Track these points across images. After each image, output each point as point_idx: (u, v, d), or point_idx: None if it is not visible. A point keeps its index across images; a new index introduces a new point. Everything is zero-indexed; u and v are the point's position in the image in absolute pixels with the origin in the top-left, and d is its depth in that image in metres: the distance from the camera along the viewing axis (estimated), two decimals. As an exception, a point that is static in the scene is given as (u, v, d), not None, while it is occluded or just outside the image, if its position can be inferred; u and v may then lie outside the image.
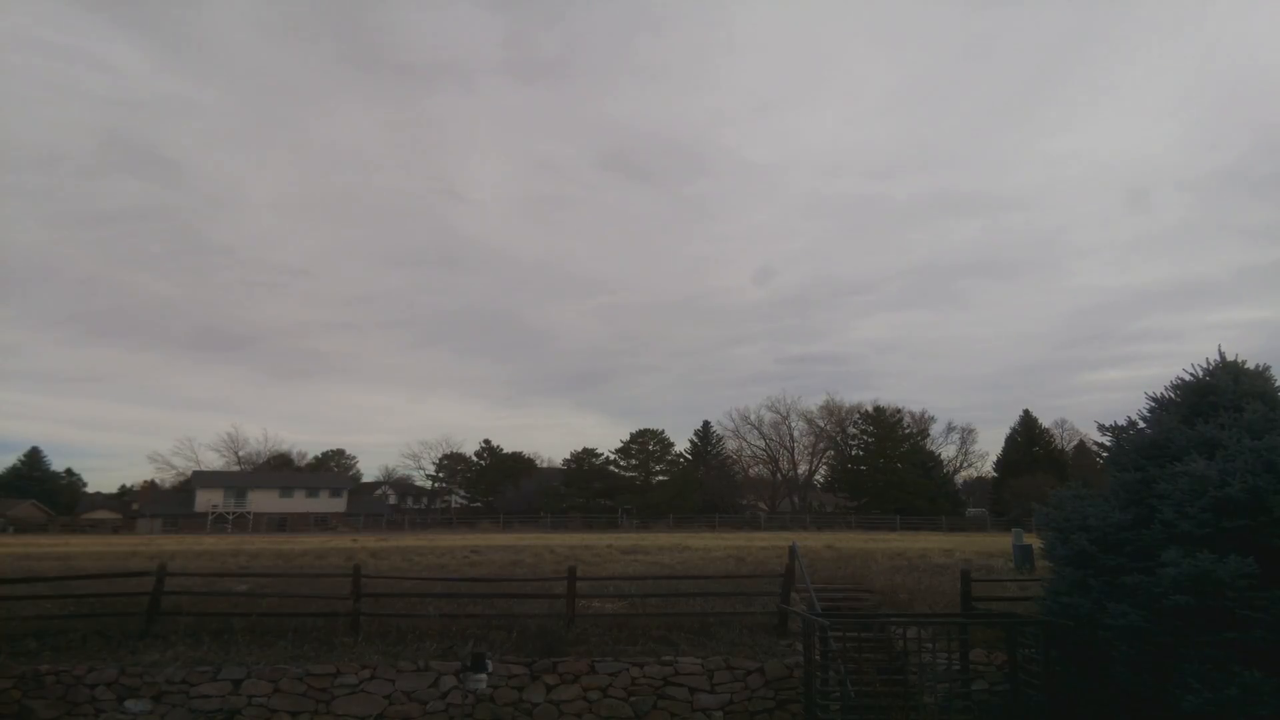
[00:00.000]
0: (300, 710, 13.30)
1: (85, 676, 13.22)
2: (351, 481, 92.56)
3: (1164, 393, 12.81)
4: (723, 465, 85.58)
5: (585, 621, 15.26)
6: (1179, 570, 10.16)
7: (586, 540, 33.54)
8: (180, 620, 14.87)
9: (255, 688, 13.33)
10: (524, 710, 13.65)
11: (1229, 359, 12.40)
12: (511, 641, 14.50)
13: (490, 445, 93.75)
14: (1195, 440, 11.45)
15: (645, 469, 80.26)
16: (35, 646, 13.97)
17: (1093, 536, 11.78)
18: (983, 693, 12.98)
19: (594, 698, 13.81)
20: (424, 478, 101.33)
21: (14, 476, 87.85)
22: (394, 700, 13.47)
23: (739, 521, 68.30)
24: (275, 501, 77.44)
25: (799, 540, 24.19)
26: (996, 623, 13.42)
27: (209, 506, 75.16)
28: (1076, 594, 11.75)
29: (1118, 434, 12.99)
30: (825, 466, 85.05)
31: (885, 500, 70.49)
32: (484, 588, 17.29)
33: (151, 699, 13.14)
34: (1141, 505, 11.54)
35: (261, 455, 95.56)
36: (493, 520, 69.11)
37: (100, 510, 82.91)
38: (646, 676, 13.98)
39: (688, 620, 15.54)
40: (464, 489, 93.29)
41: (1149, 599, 10.54)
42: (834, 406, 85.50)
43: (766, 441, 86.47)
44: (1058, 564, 12.67)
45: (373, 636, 14.76)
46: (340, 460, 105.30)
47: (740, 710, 13.90)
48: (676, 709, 13.84)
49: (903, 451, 76.41)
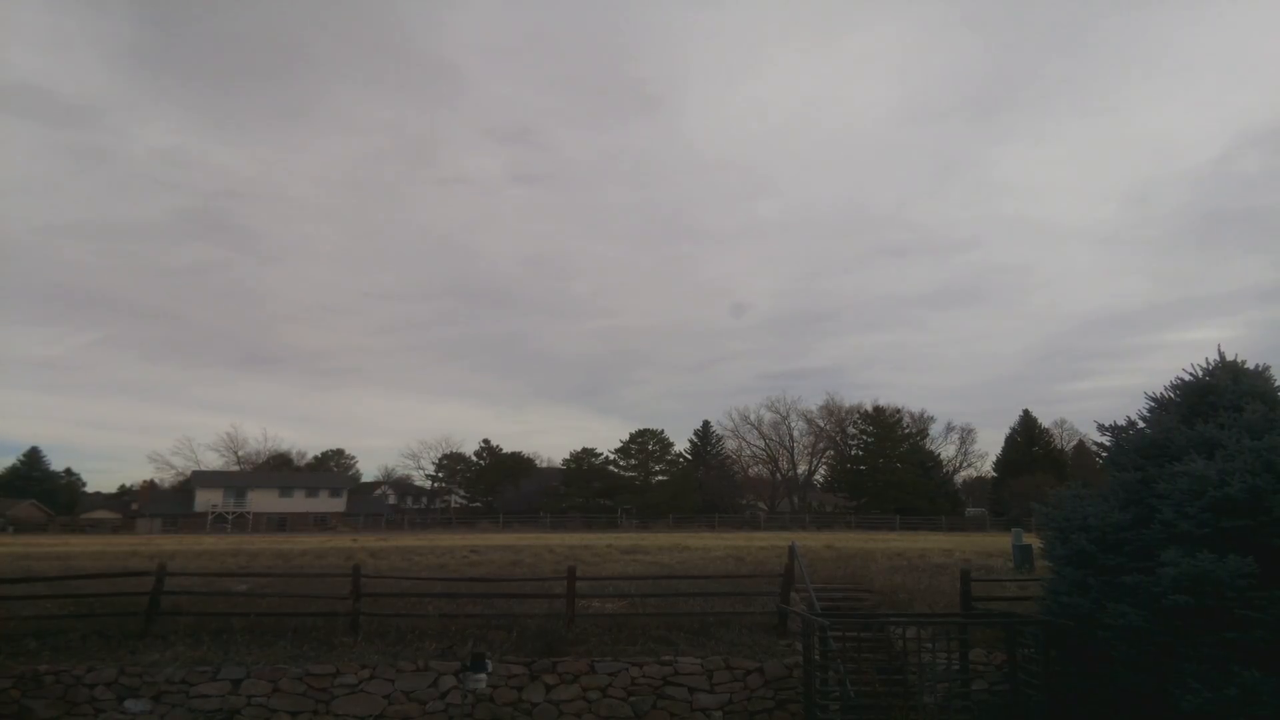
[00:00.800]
0: (300, 710, 13.29)
1: (85, 676, 13.21)
2: (351, 481, 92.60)
3: (1164, 392, 12.80)
4: (722, 465, 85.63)
5: (585, 621, 15.26)
6: (1179, 570, 10.16)
7: (586, 540, 33.54)
8: (180, 620, 14.88)
9: (255, 688, 13.32)
10: (523, 710, 13.65)
11: (1229, 359, 12.40)
12: (511, 641, 14.50)
13: (490, 445, 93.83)
14: (1195, 440, 11.45)
15: (645, 469, 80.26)
16: (35, 646, 13.95)
17: (1092, 536, 11.78)
18: (983, 693, 12.98)
19: (594, 698, 13.81)
20: (423, 478, 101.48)
21: (14, 476, 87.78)
22: (394, 700, 13.47)
23: (739, 521, 68.31)
24: (275, 501, 77.46)
25: (798, 540, 24.18)
26: (996, 623, 13.42)
27: (209, 506, 75.17)
28: (1076, 594, 11.75)
29: (1117, 434, 12.98)
30: (825, 466, 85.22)
31: (885, 500, 70.52)
32: (484, 588, 17.30)
33: (151, 699, 13.13)
34: (1141, 505, 11.54)
35: (261, 455, 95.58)
36: (492, 520, 69.10)
37: (100, 510, 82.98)
38: (646, 676, 13.98)
39: (687, 620, 15.54)
40: (464, 489, 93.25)
41: (1149, 599, 10.54)
42: (833, 406, 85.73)
43: (766, 441, 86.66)
44: (1057, 564, 12.66)
45: (372, 636, 14.75)
46: (340, 460, 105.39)
47: (740, 710, 13.90)
48: (676, 709, 13.84)
49: (902, 451, 76.48)
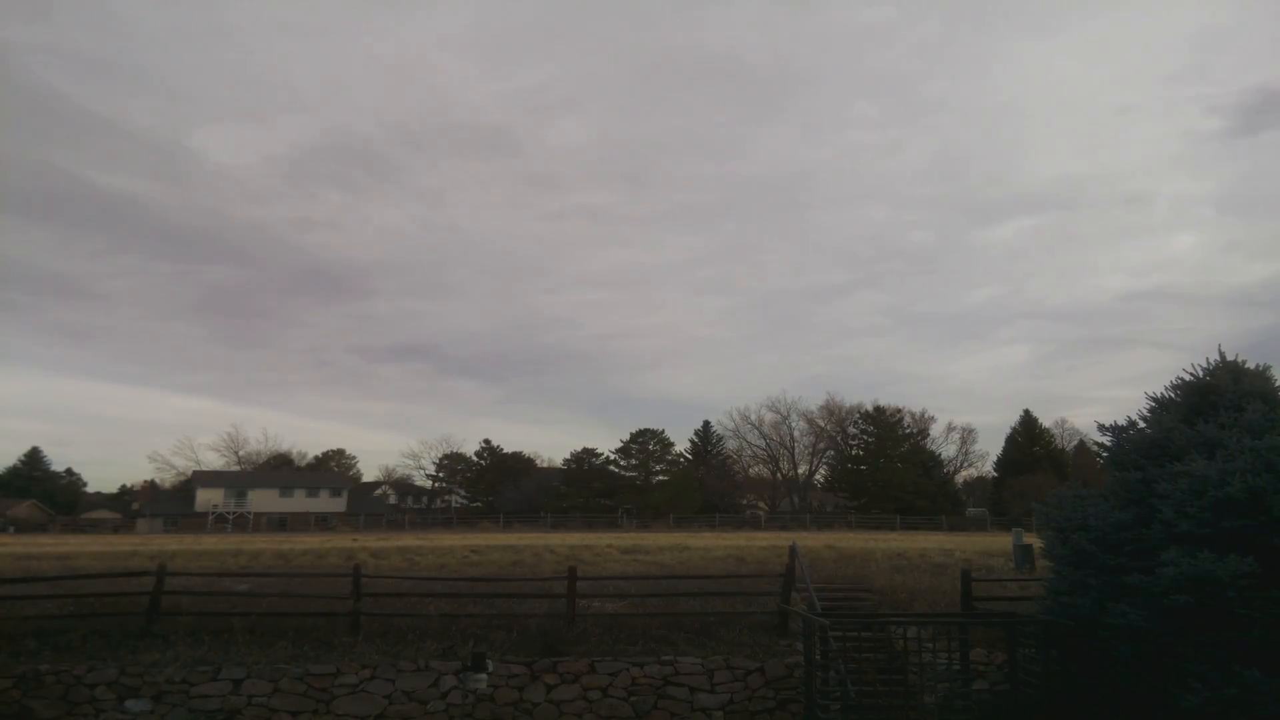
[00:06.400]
0: (300, 710, 13.30)
1: (85, 676, 13.22)
2: (351, 481, 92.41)
3: (1164, 392, 12.79)
4: (723, 465, 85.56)
5: (585, 621, 15.26)
6: (1179, 570, 10.17)
7: (586, 540, 33.50)
8: (180, 620, 14.88)
9: (255, 687, 13.33)
10: (524, 710, 13.66)
11: (1229, 359, 12.40)
12: (512, 641, 14.51)
13: (490, 445, 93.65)
14: (1195, 440, 11.45)
15: (645, 469, 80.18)
16: (35, 646, 13.95)
17: (1093, 536, 11.78)
18: (983, 692, 13.00)
19: (594, 697, 13.82)
20: (424, 478, 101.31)
21: (14, 476, 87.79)
22: (394, 700, 13.48)
23: (739, 521, 68.26)
24: (275, 501, 77.38)
25: (799, 540, 24.16)
26: (996, 623, 13.43)
27: (209, 506, 75.10)
28: (1076, 594, 11.76)
29: (1118, 434, 12.98)
30: (825, 466, 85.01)
31: (885, 500, 70.43)
32: (484, 587, 17.30)
33: (151, 699, 13.14)
34: (1141, 505, 11.54)
35: (261, 455, 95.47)
36: (493, 520, 69.00)
37: (100, 510, 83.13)
38: (646, 676, 13.99)
39: (688, 620, 15.54)
40: (464, 489, 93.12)
41: (1149, 599, 10.54)
42: (834, 406, 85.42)
43: (766, 441, 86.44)
44: (1058, 564, 12.67)
45: (373, 636, 14.76)
46: (340, 460, 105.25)
47: (740, 710, 13.91)
48: (676, 709, 13.85)
49: (903, 451, 76.44)
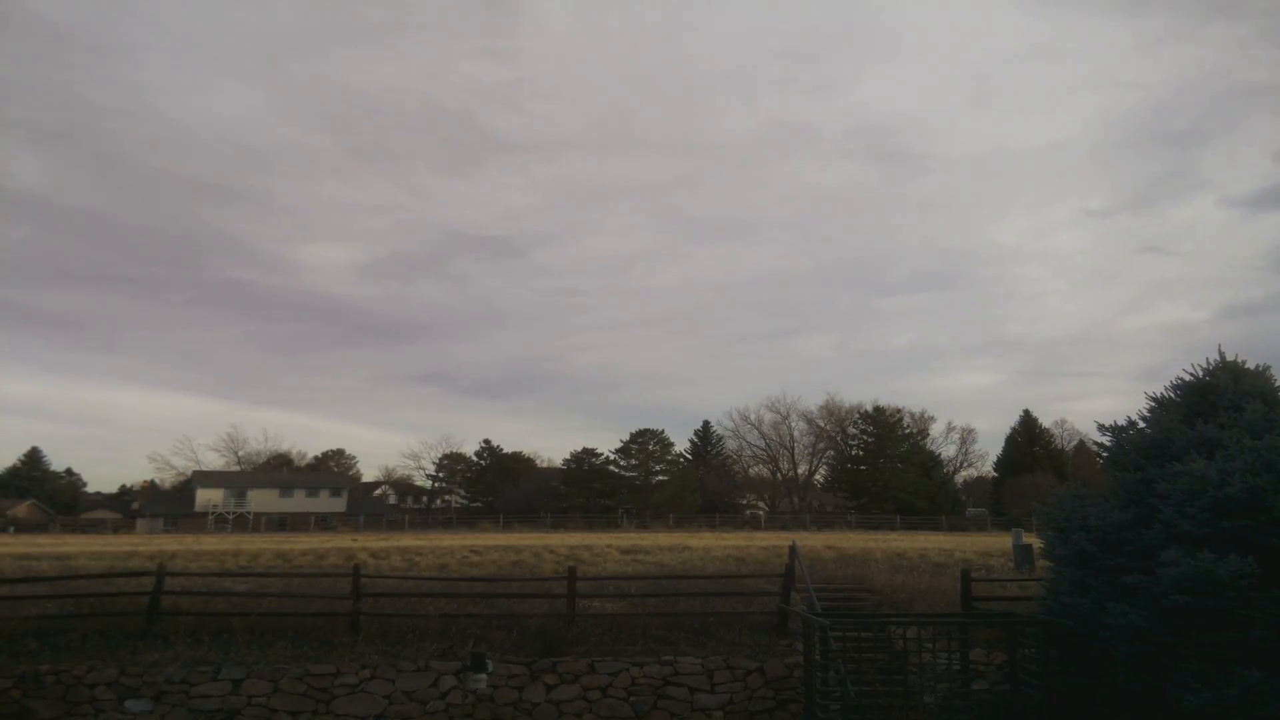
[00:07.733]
0: (300, 710, 13.30)
1: (85, 676, 13.21)
2: (351, 481, 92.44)
3: (1164, 392, 12.81)
4: (723, 465, 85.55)
5: (585, 621, 15.26)
6: (1179, 570, 10.17)
7: (586, 540, 33.47)
8: (180, 620, 14.87)
9: (255, 688, 13.33)
10: (524, 710, 13.65)
11: (1229, 359, 12.41)
12: (511, 641, 14.51)
13: (490, 445, 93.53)
14: (1195, 440, 11.45)
15: (645, 469, 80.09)
16: (35, 646, 13.95)
17: (1093, 536, 11.78)
18: (983, 692, 13.00)
19: (594, 697, 13.82)
20: (424, 478, 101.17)
21: (14, 476, 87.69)
22: (394, 700, 13.48)
23: (739, 521, 68.24)
24: (275, 501, 77.35)
25: (799, 540, 24.13)
26: (996, 623, 13.43)
27: (209, 506, 75.05)
28: (1076, 594, 11.76)
29: (1118, 434, 12.99)
30: (825, 466, 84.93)
31: (885, 500, 70.43)
32: (484, 588, 17.29)
33: (151, 699, 13.14)
34: (1141, 505, 11.54)
35: (261, 455, 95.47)
36: (492, 520, 68.92)
37: (100, 510, 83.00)
38: (646, 676, 13.99)
39: (688, 620, 15.53)
40: (464, 489, 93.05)
41: (1149, 599, 10.55)
42: (834, 406, 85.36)
43: (766, 441, 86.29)
44: (1058, 564, 12.67)
45: (373, 636, 14.76)
46: (340, 460, 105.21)
47: (740, 710, 13.91)
48: (676, 709, 13.84)
49: (902, 451, 76.40)
